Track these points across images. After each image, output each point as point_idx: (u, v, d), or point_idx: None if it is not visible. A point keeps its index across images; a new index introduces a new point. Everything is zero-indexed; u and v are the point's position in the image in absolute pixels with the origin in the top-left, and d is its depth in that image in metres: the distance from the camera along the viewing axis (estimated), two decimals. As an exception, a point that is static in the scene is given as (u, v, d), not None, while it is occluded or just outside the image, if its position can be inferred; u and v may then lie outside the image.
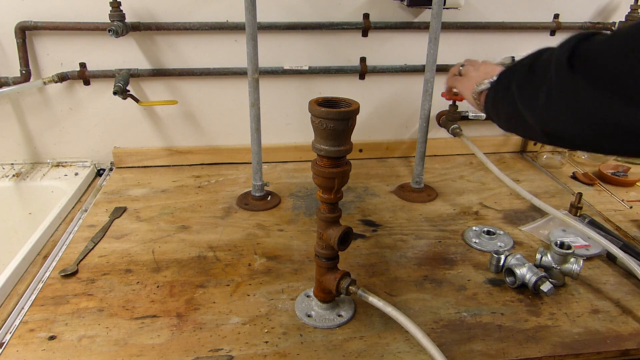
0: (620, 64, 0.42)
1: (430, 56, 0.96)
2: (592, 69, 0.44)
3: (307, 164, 1.22)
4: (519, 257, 0.77)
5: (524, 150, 1.32)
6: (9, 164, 1.16)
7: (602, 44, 0.44)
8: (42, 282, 0.77)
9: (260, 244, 0.88)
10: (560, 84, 0.47)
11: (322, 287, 0.69)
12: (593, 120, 0.45)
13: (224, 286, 0.76)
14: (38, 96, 1.10)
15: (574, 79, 0.45)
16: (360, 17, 1.11)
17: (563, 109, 0.47)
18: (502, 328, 0.68)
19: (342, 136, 0.58)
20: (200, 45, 1.09)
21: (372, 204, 1.03)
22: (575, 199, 0.96)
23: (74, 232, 0.91)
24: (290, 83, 1.16)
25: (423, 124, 1.02)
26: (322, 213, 0.64)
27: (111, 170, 1.17)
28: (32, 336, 0.66)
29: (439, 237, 0.91)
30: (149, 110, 1.15)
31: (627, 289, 0.77)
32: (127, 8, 1.01)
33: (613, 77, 0.42)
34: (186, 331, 0.67)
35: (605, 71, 0.43)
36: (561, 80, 0.47)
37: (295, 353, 0.64)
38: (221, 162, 1.21)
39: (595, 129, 0.45)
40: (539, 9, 1.17)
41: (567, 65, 0.46)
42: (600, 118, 0.44)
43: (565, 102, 0.47)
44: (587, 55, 0.45)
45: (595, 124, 0.45)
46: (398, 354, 0.64)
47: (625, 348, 0.66)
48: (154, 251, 0.85)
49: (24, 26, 1.01)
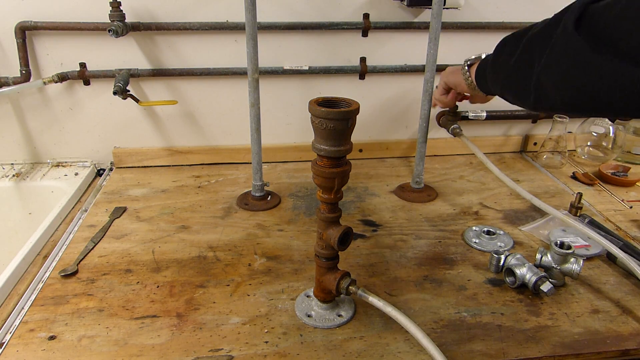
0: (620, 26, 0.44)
1: (430, 56, 0.96)
2: (595, 30, 0.46)
3: (307, 164, 1.22)
4: (519, 257, 0.77)
5: (524, 150, 1.32)
6: (9, 164, 1.16)
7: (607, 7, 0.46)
8: (42, 282, 0.77)
9: (260, 244, 0.88)
10: (564, 43, 0.50)
11: (322, 287, 0.69)
12: (589, 79, 0.48)
13: (224, 286, 0.76)
14: (38, 96, 1.10)
15: (578, 40, 0.48)
16: (360, 17, 1.11)
17: (564, 66, 0.50)
18: (502, 328, 0.68)
19: (342, 136, 0.58)
20: (200, 45, 1.09)
21: (372, 204, 1.03)
22: (575, 199, 0.96)
23: (74, 232, 0.91)
24: (290, 83, 1.16)
25: (423, 124, 1.02)
26: (322, 213, 0.64)
27: (111, 170, 1.17)
28: (32, 336, 0.66)
29: (439, 237, 0.91)
30: (149, 110, 1.15)
31: (627, 289, 0.77)
32: (127, 8, 1.01)
33: (614, 39, 0.45)
34: (186, 331, 0.67)
35: (606, 33, 0.45)
36: (566, 40, 0.49)
37: (295, 353, 0.64)
38: (221, 162, 1.21)
39: (589, 87, 0.48)
40: (539, 9, 1.17)
41: (574, 27, 0.48)
42: (597, 76, 0.47)
43: (566, 59, 0.50)
44: (593, 19, 0.47)
45: (590, 82, 0.48)
46: (398, 354, 0.64)
47: (625, 348, 0.66)
48: (154, 251, 0.85)
49: (24, 26, 1.01)
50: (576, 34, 0.48)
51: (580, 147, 1.26)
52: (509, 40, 0.65)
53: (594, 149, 1.25)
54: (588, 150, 1.26)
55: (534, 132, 1.31)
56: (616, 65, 0.45)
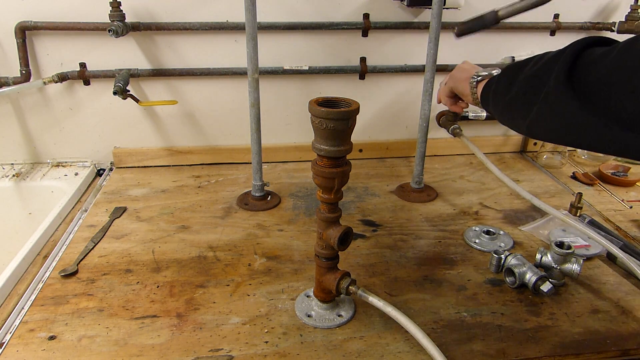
0: (609, 90, 0.43)
1: (430, 56, 0.96)
2: (585, 87, 0.45)
3: (307, 164, 1.22)
4: (519, 257, 0.77)
5: (524, 150, 1.32)
6: (9, 164, 1.16)
7: (599, 64, 0.45)
8: (42, 282, 0.77)
9: (260, 244, 0.88)
10: (555, 97, 0.48)
11: (322, 287, 0.69)
12: (577, 136, 0.47)
13: (224, 286, 0.76)
14: (38, 96, 1.10)
15: (567, 94, 0.46)
16: (360, 17, 1.11)
17: (554, 119, 0.49)
18: (502, 328, 0.68)
19: (342, 136, 0.58)
20: (200, 45, 1.09)
21: (372, 204, 1.03)
22: (575, 199, 0.96)
23: (74, 232, 0.91)
24: (290, 83, 1.16)
25: (423, 124, 1.02)
26: (322, 213, 0.64)
27: (111, 170, 1.17)
28: (32, 336, 0.66)
29: (439, 237, 0.91)
30: (149, 110, 1.15)
31: (627, 289, 0.77)
32: (127, 8, 1.01)
33: (603, 99, 0.43)
34: (186, 331, 0.67)
35: (595, 93, 0.44)
36: (556, 96, 0.48)
37: (295, 353, 0.64)
38: (221, 162, 1.21)
39: (578, 142, 0.49)
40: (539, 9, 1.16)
41: (565, 79, 0.47)
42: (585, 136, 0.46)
43: (555, 114, 0.49)
44: (583, 72, 0.46)
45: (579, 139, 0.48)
46: (398, 354, 0.64)
47: (625, 348, 0.66)
48: (154, 251, 0.85)
49: (24, 26, 1.01)
50: (566, 90, 0.46)
51: (580, 147, 1.26)
52: (509, 70, 0.63)
53: (594, 149, 1.25)
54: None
55: (534, 132, 1.31)
56: (606, 129, 0.44)
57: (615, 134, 0.43)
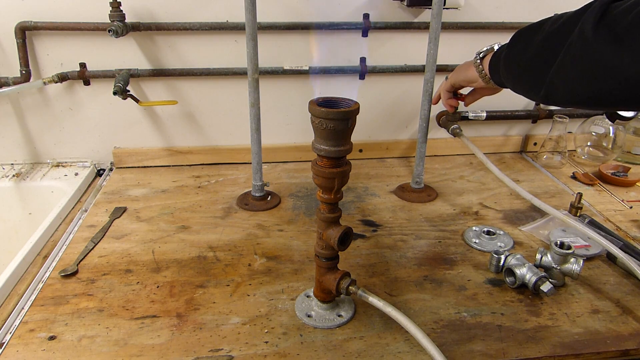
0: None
1: (430, 56, 0.96)
2: (619, 30, 0.47)
3: (307, 164, 1.22)
4: (519, 257, 0.77)
5: (524, 150, 1.32)
6: (9, 164, 1.16)
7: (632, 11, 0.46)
8: (42, 282, 0.77)
9: (260, 244, 0.88)
10: (581, 47, 0.50)
11: (322, 287, 0.69)
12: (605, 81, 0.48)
13: (224, 286, 0.76)
14: (38, 96, 1.10)
15: (596, 39, 0.48)
16: (360, 17, 1.11)
17: (579, 65, 0.50)
18: (502, 328, 0.68)
19: (342, 136, 0.58)
20: (200, 45, 1.09)
21: (372, 204, 1.03)
22: (575, 199, 0.96)
23: (74, 232, 0.91)
24: (290, 83, 1.16)
25: (423, 124, 1.02)
26: (322, 213, 0.64)
27: (111, 171, 1.17)
28: (32, 336, 0.66)
29: (439, 237, 0.91)
30: (149, 110, 1.15)
31: (627, 289, 0.77)
32: (127, 8, 1.01)
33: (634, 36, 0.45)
34: (186, 331, 0.67)
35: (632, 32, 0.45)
36: (582, 44, 0.50)
37: (295, 353, 0.64)
38: (221, 162, 1.21)
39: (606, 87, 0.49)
40: (539, 9, 1.17)
41: (593, 29, 0.48)
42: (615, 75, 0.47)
43: (582, 60, 0.50)
44: (617, 18, 0.47)
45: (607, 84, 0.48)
46: (398, 354, 0.64)
47: (625, 348, 0.66)
48: (154, 251, 0.85)
49: (24, 26, 1.01)
50: (594, 38, 0.48)
51: (580, 147, 1.26)
52: (523, 34, 0.65)
53: (594, 149, 1.25)
54: (588, 150, 1.26)
55: (534, 132, 1.31)
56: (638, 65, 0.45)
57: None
